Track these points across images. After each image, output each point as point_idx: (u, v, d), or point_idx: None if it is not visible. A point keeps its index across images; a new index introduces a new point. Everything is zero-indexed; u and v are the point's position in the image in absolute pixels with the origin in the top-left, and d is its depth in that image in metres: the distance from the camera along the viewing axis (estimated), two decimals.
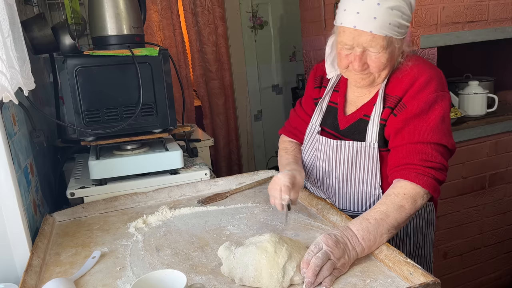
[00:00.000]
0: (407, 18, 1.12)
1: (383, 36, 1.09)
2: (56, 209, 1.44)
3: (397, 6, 1.08)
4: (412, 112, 1.12)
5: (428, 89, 1.13)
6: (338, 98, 1.32)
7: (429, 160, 1.09)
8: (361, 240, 0.98)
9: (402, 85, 1.18)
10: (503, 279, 2.50)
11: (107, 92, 1.50)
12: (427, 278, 0.89)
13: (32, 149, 1.50)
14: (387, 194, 1.09)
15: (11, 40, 1.02)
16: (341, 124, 1.29)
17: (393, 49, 1.13)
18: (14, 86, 1.01)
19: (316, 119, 1.36)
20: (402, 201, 1.06)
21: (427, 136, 1.10)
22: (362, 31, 1.09)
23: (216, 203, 1.46)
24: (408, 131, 1.13)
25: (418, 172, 1.08)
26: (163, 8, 3.42)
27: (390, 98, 1.20)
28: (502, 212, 2.37)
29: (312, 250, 0.94)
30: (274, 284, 0.92)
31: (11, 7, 1.08)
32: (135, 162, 1.56)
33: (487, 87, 2.31)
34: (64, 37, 1.73)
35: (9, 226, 1.14)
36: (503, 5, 2.11)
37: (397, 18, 1.08)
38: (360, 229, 0.99)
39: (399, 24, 1.09)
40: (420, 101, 1.12)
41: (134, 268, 1.06)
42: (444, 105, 1.13)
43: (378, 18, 1.07)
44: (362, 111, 1.25)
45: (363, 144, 1.20)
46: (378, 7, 1.06)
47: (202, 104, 3.79)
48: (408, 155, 1.11)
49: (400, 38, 1.12)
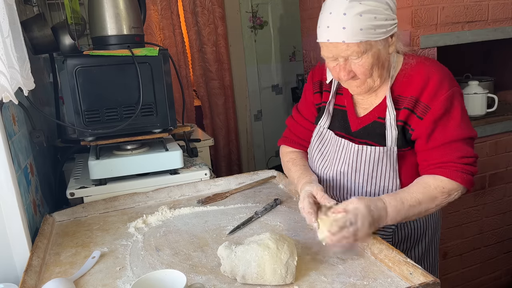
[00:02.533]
0: (384, 17, 1.10)
1: (357, 42, 1.09)
2: (56, 209, 1.44)
3: (367, 10, 1.07)
4: (439, 113, 1.14)
5: (445, 87, 1.15)
6: (345, 100, 1.31)
7: (465, 156, 1.13)
8: (389, 220, 1.08)
9: (414, 84, 1.17)
10: (503, 279, 2.50)
11: (107, 92, 1.50)
12: (427, 278, 0.89)
13: (32, 149, 1.50)
14: (427, 183, 1.13)
15: (11, 40, 1.02)
16: (353, 126, 1.28)
17: (376, 51, 1.12)
18: (14, 86, 1.01)
19: (324, 122, 1.34)
20: (438, 194, 1.13)
21: (457, 133, 1.14)
22: (336, 42, 1.10)
23: (216, 203, 1.46)
24: (440, 131, 1.15)
25: (458, 170, 1.13)
26: (163, 8, 3.42)
27: (404, 99, 1.19)
28: (502, 212, 2.37)
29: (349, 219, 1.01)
30: (277, 279, 0.93)
31: (11, 7, 1.08)
32: (135, 162, 1.56)
33: (487, 87, 2.30)
34: (64, 37, 1.73)
35: (9, 226, 1.14)
36: (503, 5, 2.11)
37: (369, 22, 1.08)
38: (393, 211, 1.08)
39: (374, 26, 1.08)
40: (442, 99, 1.14)
41: (134, 268, 1.06)
42: (461, 99, 1.17)
43: (347, 27, 1.07)
44: (375, 113, 1.24)
45: (385, 149, 1.20)
46: (344, 17, 1.07)
47: (202, 104, 3.79)
48: (446, 154, 1.14)
49: (381, 39, 1.11)
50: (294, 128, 1.46)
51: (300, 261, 1.03)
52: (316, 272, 0.98)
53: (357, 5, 1.07)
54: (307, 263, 1.03)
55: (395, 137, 1.19)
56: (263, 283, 0.94)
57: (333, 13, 1.09)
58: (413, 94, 1.17)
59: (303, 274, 0.98)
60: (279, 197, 1.44)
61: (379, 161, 1.21)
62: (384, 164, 1.21)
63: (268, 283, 0.93)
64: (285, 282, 0.93)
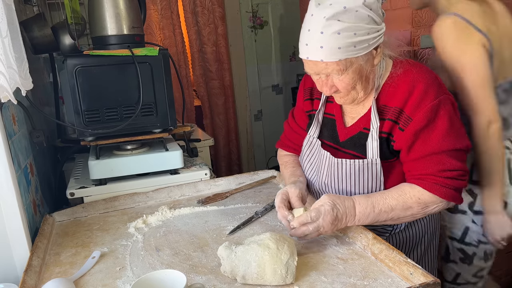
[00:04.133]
0: (366, 31, 1.05)
1: (336, 61, 1.06)
2: (56, 209, 1.44)
3: (345, 28, 1.03)
4: (420, 124, 1.10)
5: (429, 96, 1.10)
6: (334, 109, 1.30)
7: (447, 170, 1.09)
8: (356, 221, 1.09)
9: (399, 94, 1.14)
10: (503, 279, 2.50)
11: (107, 92, 1.50)
12: (427, 278, 0.89)
13: (32, 149, 1.50)
14: (403, 191, 1.12)
15: (9, 40, 1.02)
16: (341, 136, 1.27)
17: (357, 67, 1.09)
18: (12, 86, 1.01)
19: (314, 131, 1.33)
20: (413, 204, 1.11)
21: (440, 145, 1.09)
22: (315, 60, 1.08)
23: (216, 203, 1.46)
24: (420, 144, 1.11)
25: (437, 183, 1.09)
26: (163, 8, 3.42)
27: (389, 110, 1.16)
28: None
29: (311, 216, 1.05)
30: (277, 280, 0.93)
31: (9, 7, 1.08)
32: (135, 162, 1.56)
33: None
34: (64, 37, 1.73)
35: (9, 226, 1.14)
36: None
37: (348, 39, 1.03)
38: (362, 214, 1.09)
39: (354, 43, 1.04)
40: (425, 110, 1.09)
41: (134, 268, 1.06)
42: (449, 108, 1.11)
43: (324, 46, 1.04)
44: (361, 124, 1.22)
45: (365, 161, 1.18)
46: (321, 35, 1.04)
47: (202, 104, 3.79)
48: (426, 167, 1.11)
49: (362, 54, 1.07)
50: (288, 133, 1.48)
51: (300, 261, 1.03)
52: (316, 272, 0.98)
53: (335, 23, 1.03)
54: (307, 263, 1.03)
55: (376, 149, 1.16)
56: (263, 283, 0.94)
57: (311, 31, 1.06)
58: (397, 105, 1.14)
59: (303, 274, 0.98)
60: None
61: (361, 173, 1.19)
62: (367, 176, 1.19)
63: (269, 283, 0.93)
64: (285, 282, 0.93)
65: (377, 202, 1.10)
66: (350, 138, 1.24)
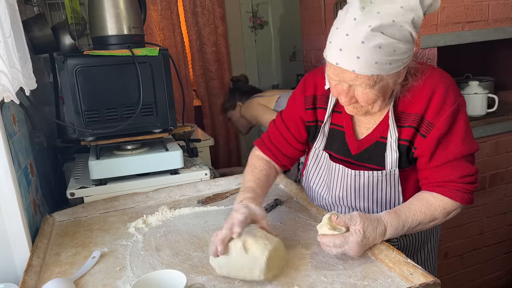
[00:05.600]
0: (404, 50, 0.99)
1: (369, 75, 1.00)
2: (56, 209, 1.44)
3: (387, 44, 0.96)
4: (442, 130, 1.08)
5: (449, 101, 1.08)
6: (344, 120, 1.22)
7: (467, 175, 1.09)
8: (384, 238, 1.05)
9: (418, 100, 1.10)
10: (503, 279, 2.50)
11: (107, 92, 1.50)
12: (427, 278, 0.89)
13: (32, 149, 1.50)
14: (429, 203, 1.09)
15: (13, 40, 1.02)
16: (353, 149, 1.20)
17: (385, 84, 1.04)
18: (15, 86, 1.01)
19: (320, 144, 1.26)
20: (439, 214, 1.10)
21: (460, 150, 1.08)
22: (345, 69, 1.00)
23: (216, 203, 1.46)
24: (442, 150, 1.09)
25: (459, 189, 1.09)
26: (163, 8, 3.42)
27: (408, 116, 1.12)
28: (502, 212, 2.37)
29: (334, 243, 0.99)
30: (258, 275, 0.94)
31: (13, 7, 1.08)
32: (135, 162, 1.56)
33: (487, 87, 2.30)
34: (64, 37, 1.73)
35: (9, 226, 1.14)
36: (503, 5, 2.11)
37: (387, 56, 0.97)
38: (391, 235, 1.05)
39: (391, 61, 0.98)
40: (446, 116, 1.07)
41: (134, 268, 1.06)
42: (465, 111, 1.11)
43: (361, 57, 0.96)
44: (377, 133, 1.16)
45: (384, 172, 1.15)
46: (362, 45, 0.96)
47: (202, 104, 3.79)
48: (447, 174, 1.09)
49: (394, 72, 1.02)
50: (273, 136, 1.34)
51: (300, 261, 1.03)
52: (316, 272, 0.98)
53: (379, 35, 0.95)
54: (307, 263, 1.02)
55: (395, 159, 1.13)
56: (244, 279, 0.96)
57: (350, 36, 0.97)
58: (417, 111, 1.10)
59: (303, 274, 0.98)
60: (279, 197, 1.44)
61: (379, 184, 1.17)
62: (385, 187, 1.17)
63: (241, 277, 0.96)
64: (254, 278, 0.95)
65: (407, 221, 1.06)
66: (364, 150, 1.18)
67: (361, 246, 0.99)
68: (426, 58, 2.04)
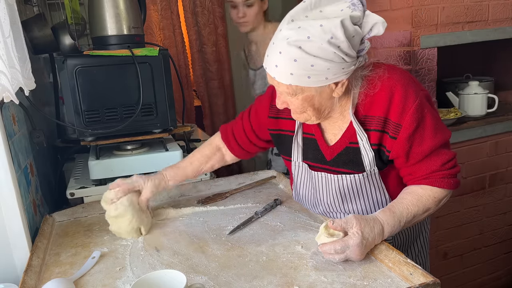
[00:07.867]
0: (326, 66, 0.98)
1: (287, 84, 1.02)
2: (56, 209, 1.44)
3: (304, 58, 0.97)
4: (411, 128, 1.08)
5: (410, 98, 1.08)
6: (313, 128, 1.23)
7: (447, 161, 1.11)
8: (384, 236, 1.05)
9: (378, 103, 1.10)
10: (503, 279, 2.50)
11: (107, 92, 1.50)
12: (427, 278, 0.89)
13: (32, 149, 1.50)
14: (419, 195, 1.11)
15: (12, 40, 1.02)
16: (327, 155, 1.20)
17: (308, 95, 1.05)
18: (15, 86, 1.01)
19: (297, 156, 1.27)
20: (431, 204, 1.12)
21: (434, 142, 1.09)
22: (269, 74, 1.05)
23: (216, 203, 1.46)
24: (417, 146, 1.09)
25: (444, 177, 1.11)
26: (163, 8, 3.42)
27: (372, 119, 1.12)
28: (502, 212, 2.37)
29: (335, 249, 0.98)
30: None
31: (12, 7, 1.08)
32: (135, 162, 1.56)
33: (487, 87, 2.30)
34: (64, 37, 1.73)
35: (9, 226, 1.14)
36: (503, 5, 2.11)
37: (303, 70, 0.98)
38: (389, 233, 1.06)
39: (309, 74, 0.99)
40: (411, 113, 1.07)
41: (133, 268, 1.06)
42: (430, 102, 1.12)
43: (279, 66, 1.00)
44: (345, 139, 1.17)
45: (365, 174, 1.15)
46: (279, 55, 0.99)
47: (202, 104, 3.79)
48: (429, 166, 1.11)
49: (318, 86, 1.03)
50: (237, 129, 1.40)
51: (300, 261, 1.03)
52: (316, 272, 0.98)
53: (294, 49, 0.97)
54: (307, 263, 1.02)
55: (372, 159, 1.13)
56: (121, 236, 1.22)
57: (274, 45, 1.02)
58: (380, 114, 1.10)
59: (303, 274, 0.98)
60: (279, 197, 1.44)
61: (362, 186, 1.18)
62: (369, 187, 1.18)
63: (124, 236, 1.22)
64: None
65: (402, 216, 1.07)
66: (338, 155, 1.19)
67: (362, 248, 0.99)
68: (426, 58, 2.05)
